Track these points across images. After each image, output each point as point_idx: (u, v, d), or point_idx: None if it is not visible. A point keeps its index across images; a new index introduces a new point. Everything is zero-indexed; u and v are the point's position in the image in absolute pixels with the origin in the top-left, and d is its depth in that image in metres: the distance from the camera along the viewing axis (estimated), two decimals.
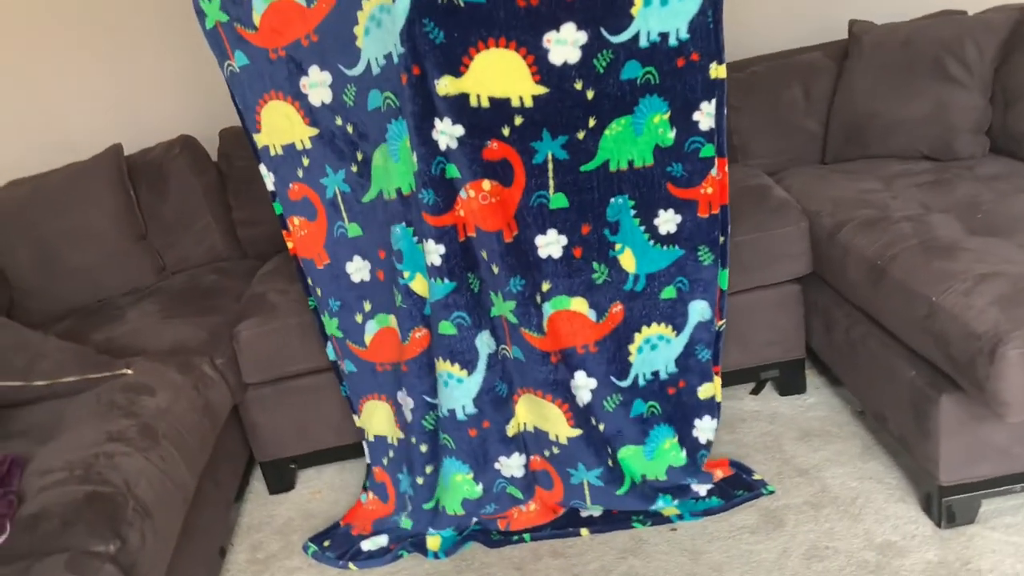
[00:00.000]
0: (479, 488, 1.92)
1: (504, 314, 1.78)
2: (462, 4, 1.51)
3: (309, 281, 1.95)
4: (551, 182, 1.66)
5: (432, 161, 1.63)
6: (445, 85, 1.57)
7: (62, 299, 2.56)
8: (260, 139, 1.81)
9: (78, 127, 2.97)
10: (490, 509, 1.95)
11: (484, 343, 1.80)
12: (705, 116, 1.65)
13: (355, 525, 2.05)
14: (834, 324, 2.08)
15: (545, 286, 1.75)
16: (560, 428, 1.87)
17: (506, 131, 1.61)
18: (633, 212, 1.71)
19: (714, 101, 1.64)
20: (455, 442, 1.88)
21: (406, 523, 2.00)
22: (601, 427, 1.88)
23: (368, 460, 2.12)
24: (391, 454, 2.06)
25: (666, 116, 1.64)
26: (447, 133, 1.61)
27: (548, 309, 1.76)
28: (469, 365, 1.80)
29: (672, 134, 1.65)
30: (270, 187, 1.86)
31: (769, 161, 2.66)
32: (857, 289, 1.91)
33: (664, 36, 1.57)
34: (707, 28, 1.57)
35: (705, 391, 1.91)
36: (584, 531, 1.89)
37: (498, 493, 1.94)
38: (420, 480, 1.97)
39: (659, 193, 1.70)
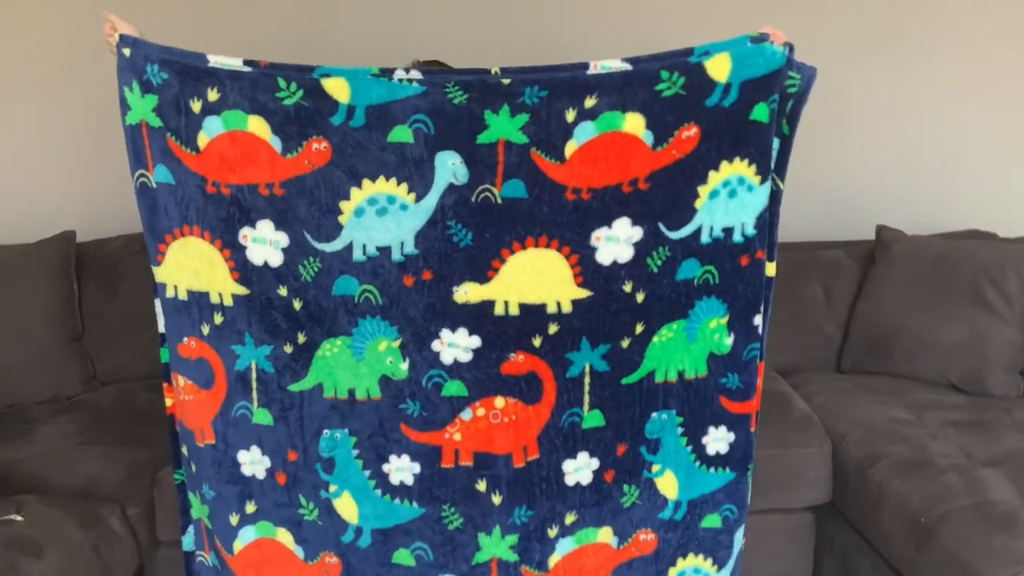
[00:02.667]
0: None
1: (498, 554, 1.46)
2: (499, 200, 1.28)
3: (184, 450, 1.52)
4: (586, 398, 1.39)
5: (426, 374, 1.37)
6: (465, 293, 1.33)
7: None
8: (159, 273, 1.42)
9: (32, 204, 2.65)
10: None
11: None
12: (763, 320, 1.43)
13: None
14: (855, 572, 1.81)
15: (570, 518, 1.45)
16: None
17: (537, 341, 1.35)
18: (680, 431, 1.44)
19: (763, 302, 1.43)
20: None
21: None
22: None
23: None
24: None
25: (724, 320, 1.40)
26: (458, 345, 1.35)
27: (570, 544, 1.46)
28: None
29: (729, 340, 1.41)
30: (161, 329, 1.47)
31: (783, 360, 2.44)
32: (893, 543, 1.66)
33: (728, 231, 1.35)
34: (766, 222, 1.36)
35: None
36: None
37: None
38: None
39: (711, 408, 1.44)
